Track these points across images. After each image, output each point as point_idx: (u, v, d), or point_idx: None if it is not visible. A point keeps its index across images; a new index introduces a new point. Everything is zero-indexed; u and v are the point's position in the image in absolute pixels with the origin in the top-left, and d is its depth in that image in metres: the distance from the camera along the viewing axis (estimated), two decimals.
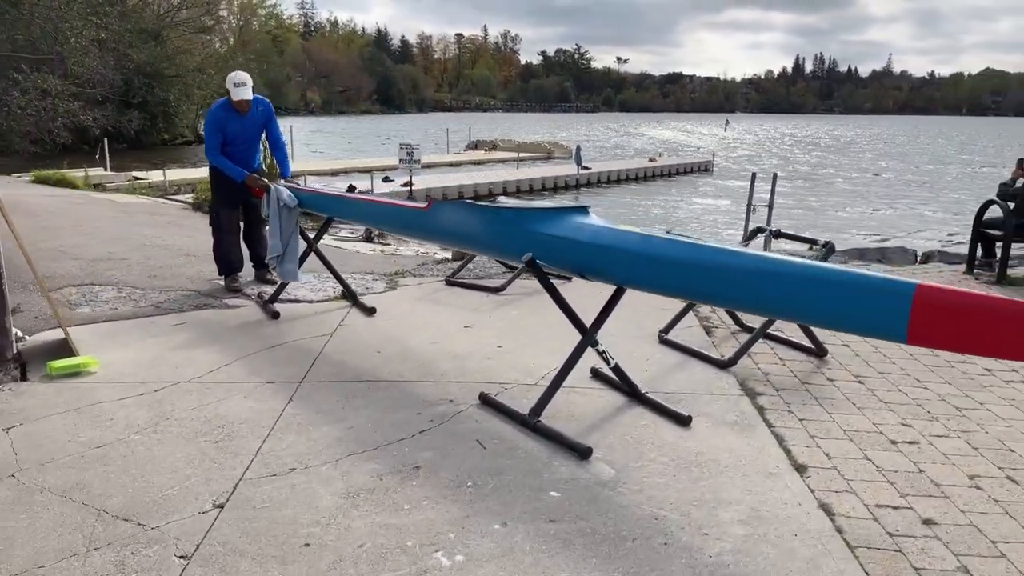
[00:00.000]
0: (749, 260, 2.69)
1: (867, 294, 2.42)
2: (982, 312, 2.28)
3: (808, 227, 15.69)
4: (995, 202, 6.95)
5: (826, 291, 2.49)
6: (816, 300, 2.52)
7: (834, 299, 2.48)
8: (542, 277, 3.37)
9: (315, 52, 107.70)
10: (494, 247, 3.74)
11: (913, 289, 2.37)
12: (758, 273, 2.65)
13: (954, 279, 7.02)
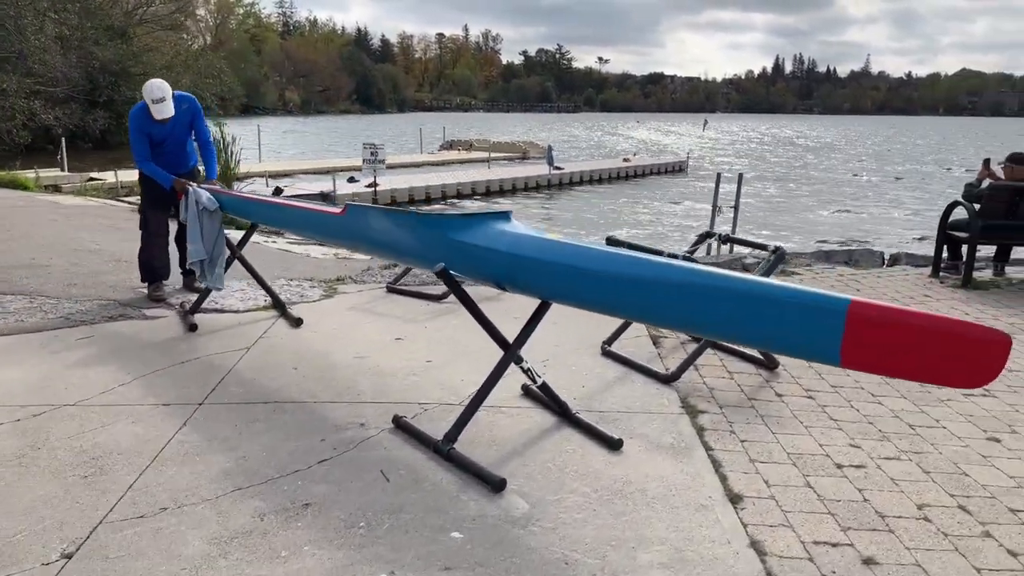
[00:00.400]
0: (673, 273, 2.42)
1: (795, 311, 2.16)
2: (925, 332, 2.02)
3: (777, 228, 15.52)
4: (960, 204, 6.75)
5: (752, 308, 2.22)
6: (742, 318, 2.25)
7: (761, 317, 2.21)
8: (456, 289, 3.07)
9: (294, 51, 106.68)
10: (412, 255, 3.44)
11: (846, 305, 2.11)
12: (681, 288, 2.38)
13: (919, 283, 6.82)
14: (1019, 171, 6.68)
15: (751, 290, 2.25)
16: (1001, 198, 6.43)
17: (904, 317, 2.09)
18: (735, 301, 2.26)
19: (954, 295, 6.32)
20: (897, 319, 2.10)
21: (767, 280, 2.36)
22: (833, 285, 6.57)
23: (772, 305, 2.20)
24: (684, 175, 26.23)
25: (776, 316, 2.19)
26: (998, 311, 5.82)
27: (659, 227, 14.45)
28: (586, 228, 14.59)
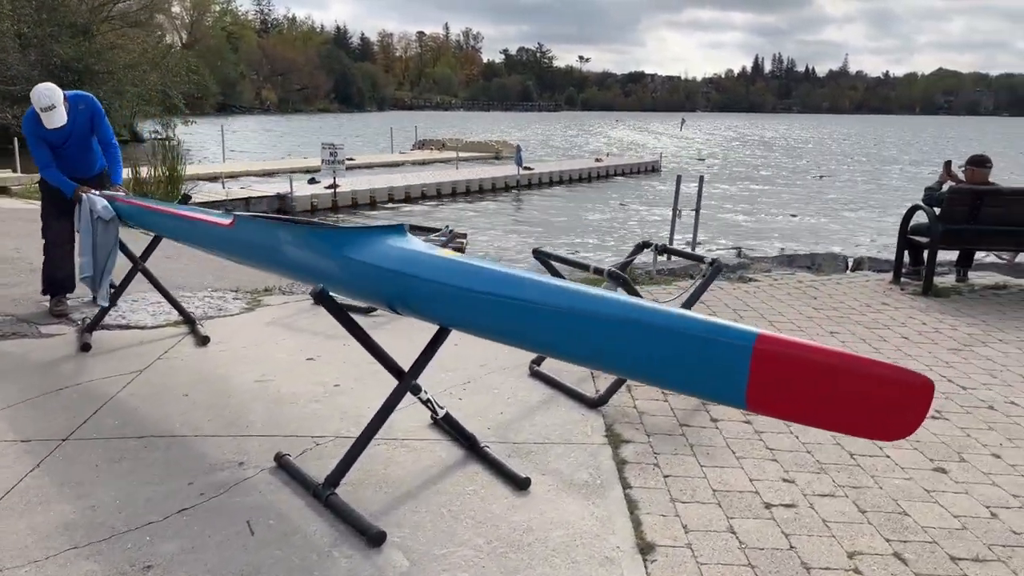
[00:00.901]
0: (561, 298, 2.10)
1: (695, 345, 1.86)
2: (838, 374, 1.73)
3: (743, 232, 15.24)
4: (921, 207, 6.51)
5: (647, 340, 1.92)
6: (635, 351, 1.94)
7: (657, 350, 1.90)
8: (337, 313, 2.75)
9: (271, 49, 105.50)
10: (302, 271, 3.10)
11: (752, 339, 1.80)
12: (573, 315, 2.07)
13: (879, 289, 6.58)
14: (980, 174, 6.45)
15: (646, 319, 1.94)
16: (962, 201, 6.20)
17: (816, 355, 1.79)
18: (628, 331, 1.96)
19: (913, 302, 6.08)
20: (808, 357, 1.79)
21: (668, 309, 2.04)
22: (790, 292, 6.31)
23: (670, 337, 1.90)
24: (657, 175, 25.99)
25: (675, 350, 1.89)
26: (956, 320, 5.58)
27: (620, 231, 14.11)
28: (548, 231, 14.22)
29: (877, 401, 1.71)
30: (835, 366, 1.72)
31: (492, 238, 12.74)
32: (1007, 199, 6.22)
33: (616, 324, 1.97)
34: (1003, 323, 5.53)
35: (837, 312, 5.71)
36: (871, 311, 5.77)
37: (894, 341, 4.97)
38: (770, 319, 5.41)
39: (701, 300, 5.87)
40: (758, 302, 5.93)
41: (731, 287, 6.54)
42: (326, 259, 2.83)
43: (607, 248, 12.66)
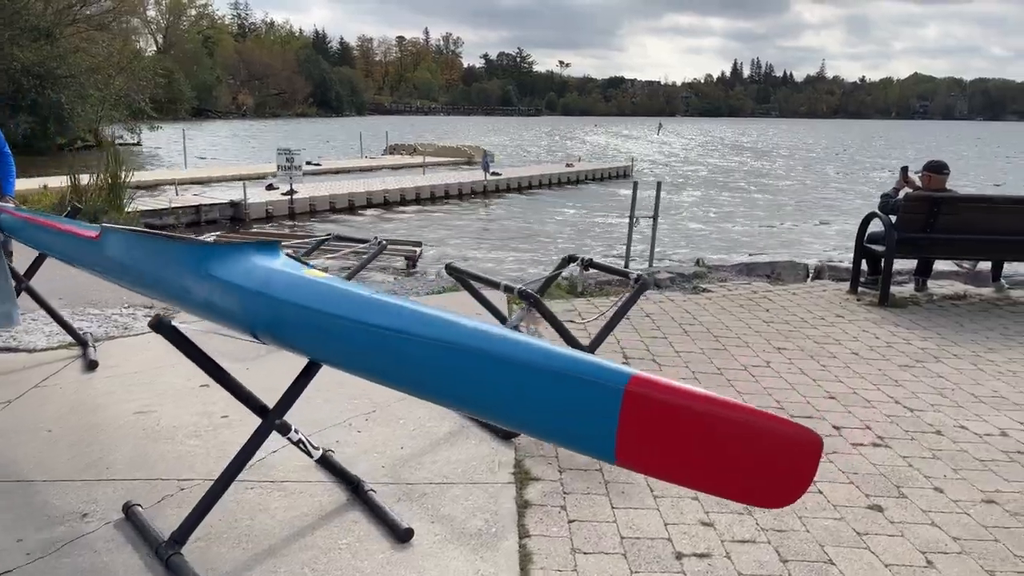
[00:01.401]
0: (428, 327, 1.80)
1: (561, 387, 1.56)
2: (717, 425, 1.44)
3: (707, 239, 14.89)
4: (877, 215, 6.28)
5: (510, 379, 1.62)
6: (497, 392, 1.64)
7: (520, 392, 1.60)
8: (180, 344, 2.42)
9: (249, 54, 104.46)
10: (164, 290, 2.76)
11: (624, 381, 1.51)
12: (435, 347, 1.76)
13: (835, 300, 6.33)
14: (937, 180, 6.23)
15: (507, 354, 1.64)
16: (918, 209, 5.96)
17: (693, 401, 1.50)
18: (490, 368, 1.65)
19: (868, 314, 5.83)
20: (683, 403, 1.50)
21: (536, 342, 1.73)
22: (742, 304, 6.04)
23: (532, 375, 1.59)
24: (629, 180, 25.70)
25: (537, 390, 1.59)
26: (911, 333, 5.33)
27: (581, 239, 13.64)
28: (506, 239, 13.67)
29: (756, 459, 1.43)
30: (712, 415, 1.44)
31: (448, 247, 12.33)
32: (964, 206, 6.00)
33: (475, 359, 1.67)
34: (959, 336, 5.29)
35: (788, 325, 5.44)
36: (824, 324, 5.51)
37: (843, 357, 4.71)
38: (716, 333, 5.13)
39: (645, 315, 5.59)
40: (707, 315, 5.65)
41: (683, 299, 6.26)
42: (188, 276, 2.52)
43: (560, 256, 12.34)
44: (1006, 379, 4.43)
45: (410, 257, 9.14)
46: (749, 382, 4.17)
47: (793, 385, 4.16)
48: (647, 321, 5.39)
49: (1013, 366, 4.67)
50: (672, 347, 4.77)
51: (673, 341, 4.91)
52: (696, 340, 4.95)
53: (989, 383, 4.35)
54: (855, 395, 4.05)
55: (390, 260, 8.85)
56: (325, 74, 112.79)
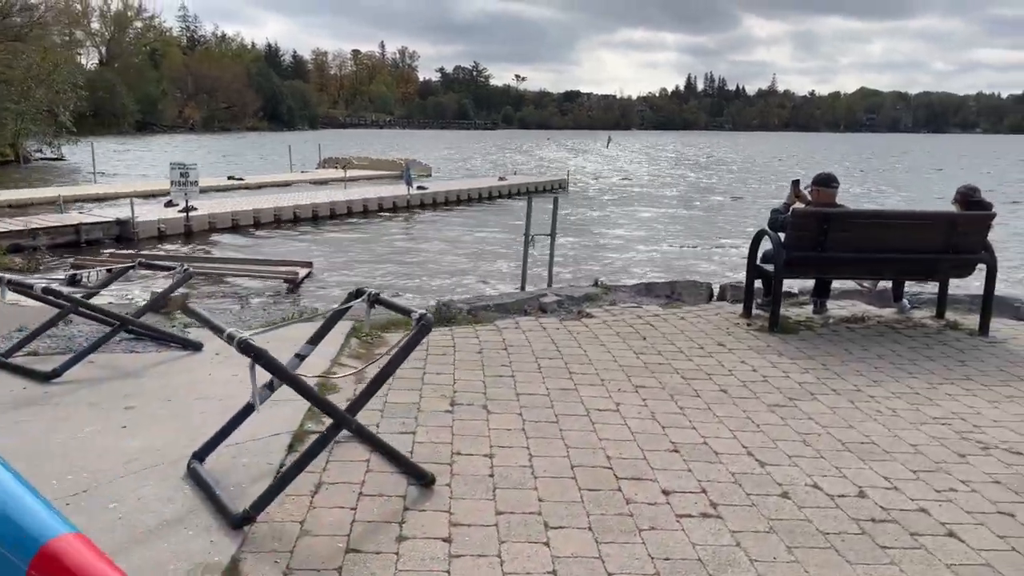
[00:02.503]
0: None
1: None
2: None
3: (619, 258, 14.22)
4: (766, 232, 5.79)
5: None
6: None
7: None
8: None
9: (197, 67, 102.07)
10: None
11: (32, 553, 0.90)
12: None
13: (725, 324, 5.82)
14: (826, 194, 5.77)
15: None
16: (806, 226, 5.49)
17: None
18: None
19: (754, 341, 5.32)
20: None
21: None
22: (621, 331, 5.48)
23: None
24: (564, 193, 25.27)
25: None
26: (794, 363, 4.82)
27: (491, 262, 12.88)
28: (404, 261, 12.65)
29: None
30: None
31: (345, 268, 11.49)
32: (855, 222, 5.54)
33: None
34: (844, 367, 4.80)
35: (660, 357, 4.89)
36: (700, 355, 4.98)
37: (708, 396, 4.16)
38: (574, 369, 4.54)
39: (504, 347, 4.91)
40: (574, 346, 5.07)
41: (558, 326, 5.68)
42: None
43: (461, 282, 11.43)
44: (883, 419, 3.92)
45: (291, 280, 8.42)
46: (584, 433, 3.58)
47: (636, 434, 3.58)
48: (501, 355, 4.78)
49: (894, 402, 4.17)
50: (515, 388, 4.17)
51: (521, 380, 4.31)
52: (548, 378, 4.35)
53: (863, 425, 3.84)
54: (704, 446, 3.49)
55: (269, 283, 8.13)
56: (276, 87, 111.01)
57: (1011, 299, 6.80)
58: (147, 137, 73.45)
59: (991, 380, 4.63)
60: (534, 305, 6.67)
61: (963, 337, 5.58)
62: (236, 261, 9.85)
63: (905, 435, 3.73)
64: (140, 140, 67.02)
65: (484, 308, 6.24)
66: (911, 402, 4.21)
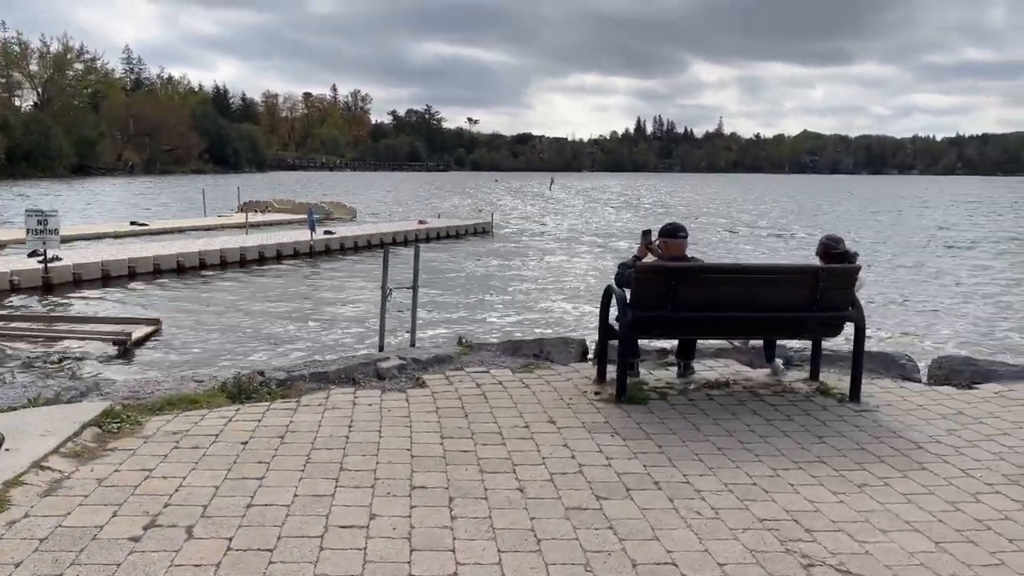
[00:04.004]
0: None
1: None
2: None
3: (505, 311, 13.07)
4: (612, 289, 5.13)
5: None
6: None
7: None
8: None
9: (139, 109, 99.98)
10: None
11: None
12: None
13: (570, 393, 5.11)
14: (674, 246, 5.16)
15: None
16: (652, 282, 4.84)
17: None
18: None
19: (593, 416, 4.60)
20: None
21: None
22: (441, 407, 4.71)
23: None
24: (489, 237, 24.58)
25: None
26: (624, 446, 4.10)
27: (346, 315, 11.80)
28: (275, 314, 11.59)
29: None
30: None
31: (196, 329, 10.28)
32: (707, 278, 4.92)
33: None
34: (683, 448, 4.10)
35: (473, 440, 4.14)
36: (522, 435, 4.24)
37: (499, 497, 3.40)
38: (352, 463, 3.74)
39: (281, 435, 3.91)
40: (373, 429, 4.28)
41: (375, 400, 4.89)
42: None
43: (319, 338, 10.43)
44: (699, 524, 3.21)
45: (121, 342, 7.48)
46: (297, 567, 2.77)
47: (368, 565, 2.79)
48: (267, 446, 3.96)
49: (722, 499, 3.47)
50: (252, 497, 3.34)
51: (269, 484, 3.48)
52: (306, 480, 3.54)
53: (671, 535, 3.12)
54: None
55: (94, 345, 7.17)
56: (222, 130, 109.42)
57: (896, 356, 6.28)
58: (82, 180, 70.89)
59: (846, 462, 3.98)
60: (369, 371, 5.87)
61: (831, 405, 4.96)
62: (58, 319, 8.84)
63: (717, 548, 3.02)
64: (73, 183, 64.66)
65: (301, 378, 5.43)
66: (743, 497, 3.51)
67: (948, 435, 4.41)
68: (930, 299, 14.96)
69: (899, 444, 4.27)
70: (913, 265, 20.53)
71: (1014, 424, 4.61)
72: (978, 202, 61.82)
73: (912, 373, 6.08)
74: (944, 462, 4.02)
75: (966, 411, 4.86)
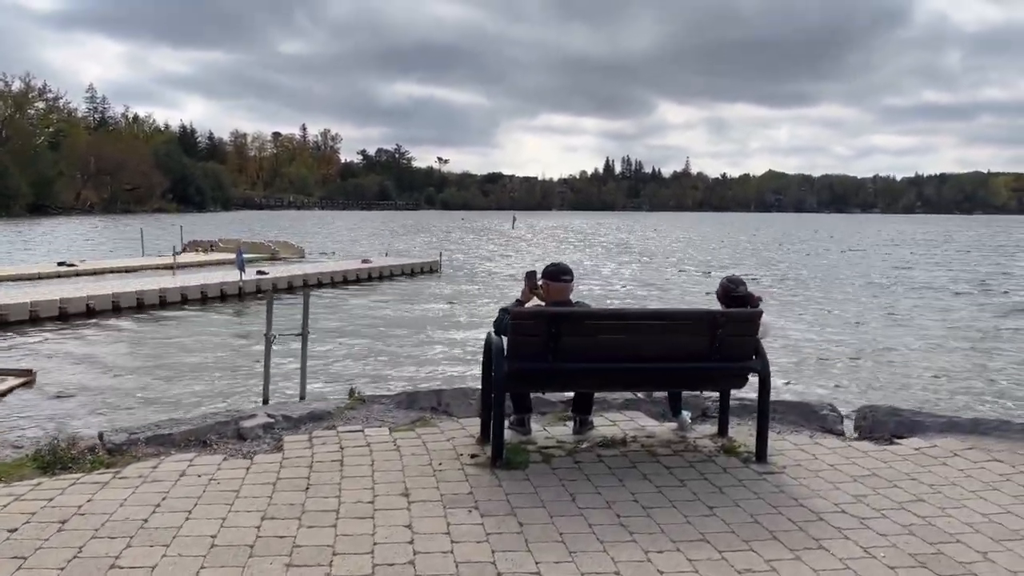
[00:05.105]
0: None
1: None
2: None
3: (422, 356, 12.11)
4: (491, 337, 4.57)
5: None
6: None
7: None
8: None
9: (100, 148, 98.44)
10: None
11: None
12: None
13: (454, 452, 4.51)
14: (556, 289, 4.62)
15: None
16: (531, 329, 4.29)
17: None
18: None
19: (457, 485, 4.00)
20: None
21: None
22: (281, 479, 4.07)
23: None
24: (436, 276, 23.96)
25: None
26: (479, 524, 3.50)
27: (245, 364, 10.88)
28: (165, 366, 10.62)
29: None
30: None
31: (74, 384, 9.33)
32: (592, 325, 4.38)
33: None
34: (545, 528, 3.51)
35: (300, 521, 3.50)
36: (363, 513, 3.61)
37: None
38: (128, 561, 3.08)
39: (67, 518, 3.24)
40: (184, 508, 3.62)
41: (215, 468, 4.23)
42: None
43: (213, 388, 9.47)
44: None
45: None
46: None
47: None
48: (42, 533, 3.29)
49: None
50: None
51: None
52: None
53: None
54: None
55: None
56: (187, 168, 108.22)
57: (818, 406, 5.76)
58: (38, 220, 69.08)
59: (733, 540, 3.41)
60: (228, 431, 5.22)
61: (734, 466, 4.41)
62: None
63: None
64: (22, 224, 62.82)
65: (138, 442, 4.75)
66: None
67: (855, 503, 3.88)
68: (868, 342, 14.29)
69: (798, 515, 3.71)
70: (856, 304, 20.24)
71: (931, 488, 4.09)
72: (936, 240, 62.73)
73: (834, 425, 5.57)
74: (845, 538, 3.47)
75: (881, 472, 4.34)
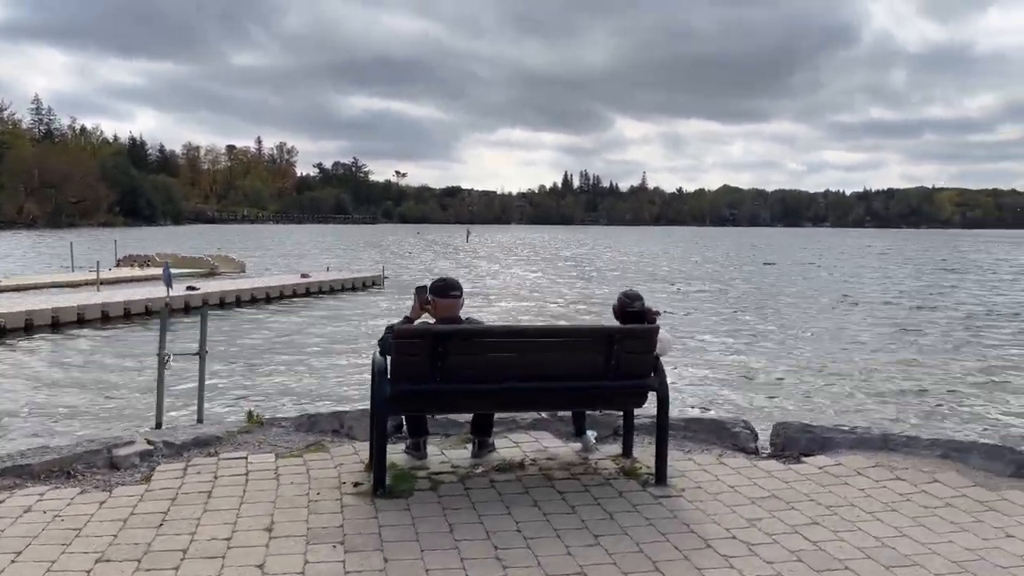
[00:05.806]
0: None
1: None
2: None
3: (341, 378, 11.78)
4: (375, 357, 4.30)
5: None
6: None
7: None
8: None
9: (46, 160, 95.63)
10: None
11: None
12: None
13: (337, 480, 4.22)
14: (444, 305, 4.39)
15: None
16: (415, 348, 4.04)
17: None
18: None
19: (329, 517, 3.71)
20: None
21: None
22: (136, 514, 3.74)
23: None
24: (380, 290, 23.60)
25: None
26: (339, 562, 3.21)
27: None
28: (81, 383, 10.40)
29: None
30: None
31: None
32: (481, 343, 4.15)
33: None
34: (414, 565, 3.26)
35: (133, 565, 3.18)
36: (211, 555, 3.31)
37: None
38: None
39: None
40: (12, 551, 3.27)
41: (64, 502, 3.87)
42: None
43: (122, 412, 9.14)
44: None
45: None
46: None
47: None
48: None
49: None
50: None
51: None
52: None
53: None
54: None
55: None
56: (135, 181, 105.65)
57: (730, 423, 5.61)
58: None
59: (610, 574, 3.20)
60: (99, 460, 4.84)
61: (631, 490, 4.21)
62: None
63: None
64: None
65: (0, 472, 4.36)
66: None
67: (748, 527, 3.70)
68: (797, 357, 14.26)
69: (686, 543, 3.52)
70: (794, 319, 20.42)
71: (828, 510, 3.94)
72: (885, 254, 64.32)
73: (747, 443, 5.42)
74: (730, 567, 3.28)
75: (780, 493, 4.18)
